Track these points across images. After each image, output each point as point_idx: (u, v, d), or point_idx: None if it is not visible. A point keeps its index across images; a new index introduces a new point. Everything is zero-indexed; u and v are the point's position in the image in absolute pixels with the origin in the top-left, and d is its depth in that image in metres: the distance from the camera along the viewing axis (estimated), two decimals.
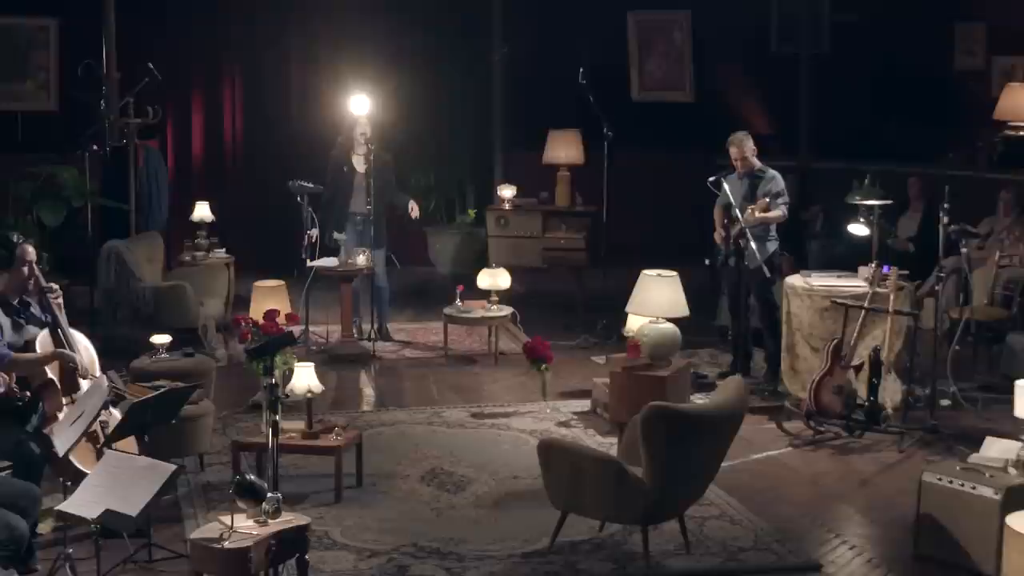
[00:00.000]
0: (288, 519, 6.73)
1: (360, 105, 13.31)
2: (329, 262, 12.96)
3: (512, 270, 13.60)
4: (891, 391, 10.75)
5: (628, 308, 10.26)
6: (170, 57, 16.21)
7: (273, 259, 14.50)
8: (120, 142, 14.21)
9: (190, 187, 16.48)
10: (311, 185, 13.19)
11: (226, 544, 6.44)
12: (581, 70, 13.83)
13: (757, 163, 11.85)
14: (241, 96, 17.53)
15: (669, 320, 10.20)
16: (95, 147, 14.31)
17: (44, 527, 8.19)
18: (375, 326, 13.34)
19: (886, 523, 8.76)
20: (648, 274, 10.18)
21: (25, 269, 8.27)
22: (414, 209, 13.63)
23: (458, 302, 12.92)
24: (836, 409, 10.48)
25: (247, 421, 10.58)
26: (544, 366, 11.34)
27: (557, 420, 10.96)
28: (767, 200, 11.48)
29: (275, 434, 7.11)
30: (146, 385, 9.19)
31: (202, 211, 14.33)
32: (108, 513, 6.50)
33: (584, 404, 11.32)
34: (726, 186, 11.63)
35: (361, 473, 9.38)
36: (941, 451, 10.06)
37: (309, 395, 9.12)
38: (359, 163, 13.27)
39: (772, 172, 11.83)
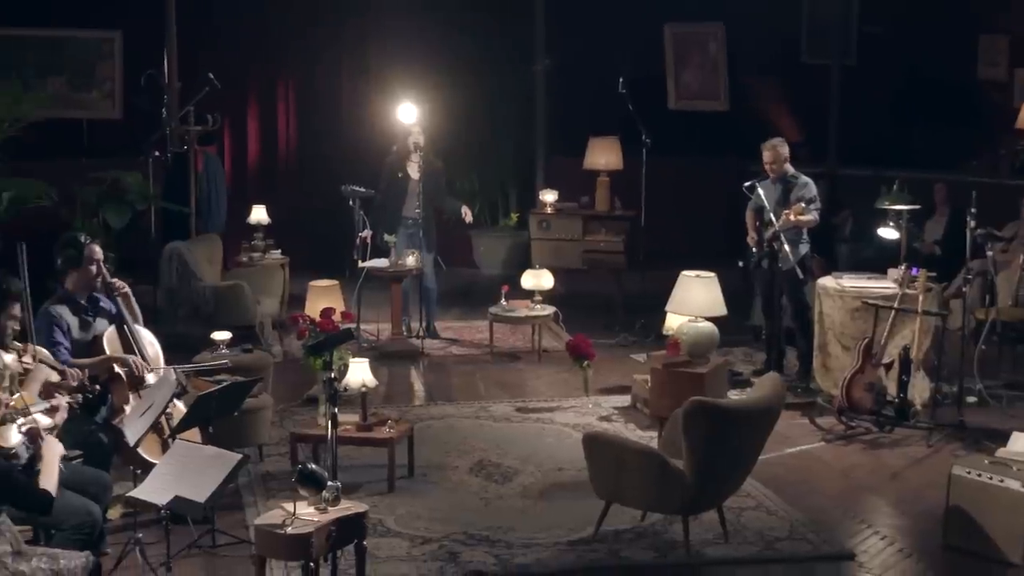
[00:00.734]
0: (347, 506, 6.76)
1: (408, 114, 13.36)
2: (380, 263, 12.97)
3: (554, 271, 13.58)
4: (920, 388, 10.72)
5: (668, 307, 10.27)
6: (228, 67, 16.28)
7: (326, 260, 14.51)
8: (181, 148, 14.31)
9: (247, 191, 16.52)
10: (363, 189, 13.21)
11: (289, 530, 6.47)
12: (621, 80, 13.84)
13: (790, 169, 11.80)
14: (295, 105, 17.58)
15: (707, 319, 10.20)
16: (157, 153, 14.43)
17: (113, 513, 8.22)
18: (423, 324, 13.36)
19: (916, 514, 8.75)
20: (687, 275, 10.19)
21: (93, 268, 8.35)
22: (467, 214, 13.66)
23: (503, 302, 12.93)
24: (867, 405, 10.47)
25: (303, 414, 10.61)
26: (586, 363, 11.36)
27: (599, 415, 10.95)
28: (802, 205, 11.45)
29: (334, 425, 7.14)
30: (208, 379, 9.23)
31: (258, 214, 14.36)
32: (177, 500, 6.55)
33: (624, 399, 11.31)
34: (760, 191, 11.62)
35: (413, 464, 9.41)
36: (968, 446, 10.02)
37: (363, 389, 9.14)
38: (412, 170, 13.28)
39: (805, 178, 11.79)
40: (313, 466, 6.70)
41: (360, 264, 13.01)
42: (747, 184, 11.76)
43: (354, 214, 13.18)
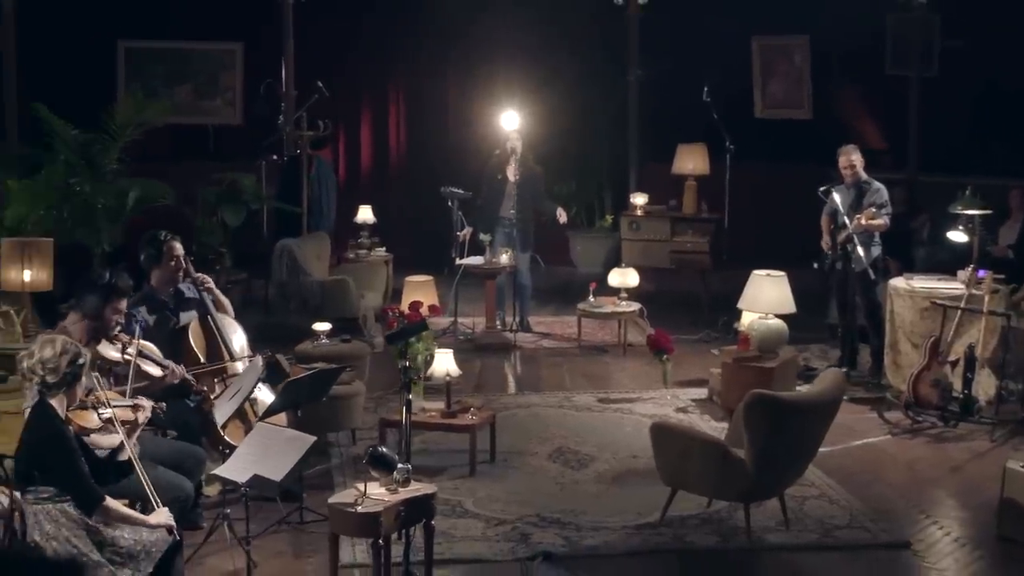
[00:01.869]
0: (417, 488, 6.69)
1: (510, 121, 13.33)
2: (475, 260, 12.94)
3: (643, 270, 13.49)
4: (985, 385, 10.44)
5: (740, 305, 10.07)
6: (344, 77, 16.43)
7: (429, 257, 14.48)
8: (294, 152, 14.36)
9: (359, 193, 16.54)
10: (460, 191, 13.21)
11: (359, 508, 6.42)
12: (706, 89, 13.66)
13: (864, 174, 11.57)
14: (405, 112, 17.60)
15: (777, 316, 10.01)
16: (274, 157, 14.53)
17: (211, 490, 8.26)
18: (516, 319, 13.28)
19: (974, 506, 8.51)
20: (758, 274, 10.00)
21: (173, 263, 8.26)
22: (562, 215, 13.55)
23: (591, 298, 12.81)
24: (933, 401, 10.22)
25: (396, 401, 10.55)
26: (665, 357, 11.21)
27: (676, 406, 10.80)
28: (873, 210, 11.21)
29: (408, 410, 7.08)
30: (305, 367, 9.21)
31: (364, 214, 14.38)
32: (255, 478, 6.52)
33: (702, 392, 11.12)
34: (835, 195, 11.40)
35: (494, 449, 9.33)
36: None
37: (448, 378, 9.09)
38: (510, 173, 13.22)
39: (878, 184, 11.54)
40: (384, 449, 6.65)
41: (457, 261, 12.99)
42: (822, 189, 11.54)
43: (452, 214, 13.18)
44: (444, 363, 9.11)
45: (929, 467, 9.39)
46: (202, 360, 8.16)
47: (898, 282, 11.20)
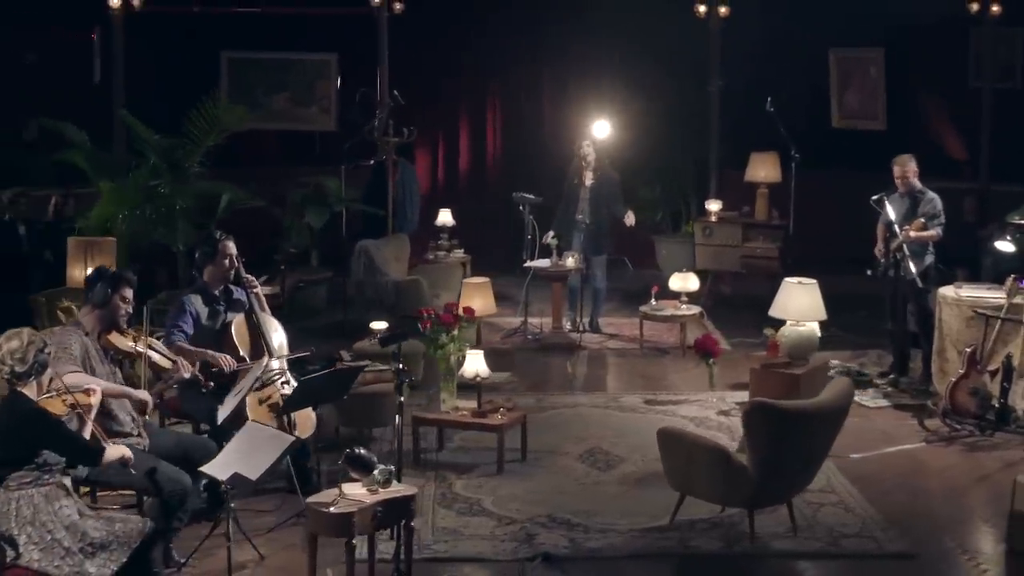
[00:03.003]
0: (397, 489, 6.40)
1: (601, 130, 13.20)
2: (543, 263, 12.65)
3: (721, 274, 13.37)
4: (1020, 395, 9.83)
5: (771, 311, 9.53)
6: (441, 87, 16.27)
7: (506, 260, 14.21)
8: (381, 158, 14.20)
9: (453, 197, 16.35)
10: (531, 196, 12.93)
11: (332, 509, 6.15)
12: (769, 99, 13.19)
13: (918, 184, 11.02)
14: (501, 122, 17.34)
15: (812, 321, 9.50)
16: (371, 161, 14.35)
17: None
18: (581, 319, 12.93)
19: (994, 518, 7.92)
20: (790, 281, 9.50)
21: (226, 262, 8.18)
22: (629, 217, 13.11)
23: (653, 301, 12.42)
24: (971, 409, 9.67)
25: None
26: (711, 360, 10.78)
27: (719, 409, 10.32)
28: (922, 220, 10.67)
29: (400, 412, 6.80)
30: (352, 363, 8.98)
31: (444, 217, 14.19)
32: (235, 476, 6.28)
33: (747, 395, 10.65)
34: (887, 204, 10.88)
35: (526, 448, 9.01)
36: None
37: (478, 379, 8.81)
38: (587, 178, 12.89)
39: (931, 194, 10.98)
40: (361, 450, 6.35)
41: (525, 264, 12.71)
42: (875, 198, 11.02)
43: (524, 218, 12.90)
44: (474, 364, 8.83)
45: (957, 476, 8.85)
46: (242, 355, 8.02)
47: (947, 290, 10.63)
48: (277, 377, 8.05)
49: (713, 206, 14.71)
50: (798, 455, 7.33)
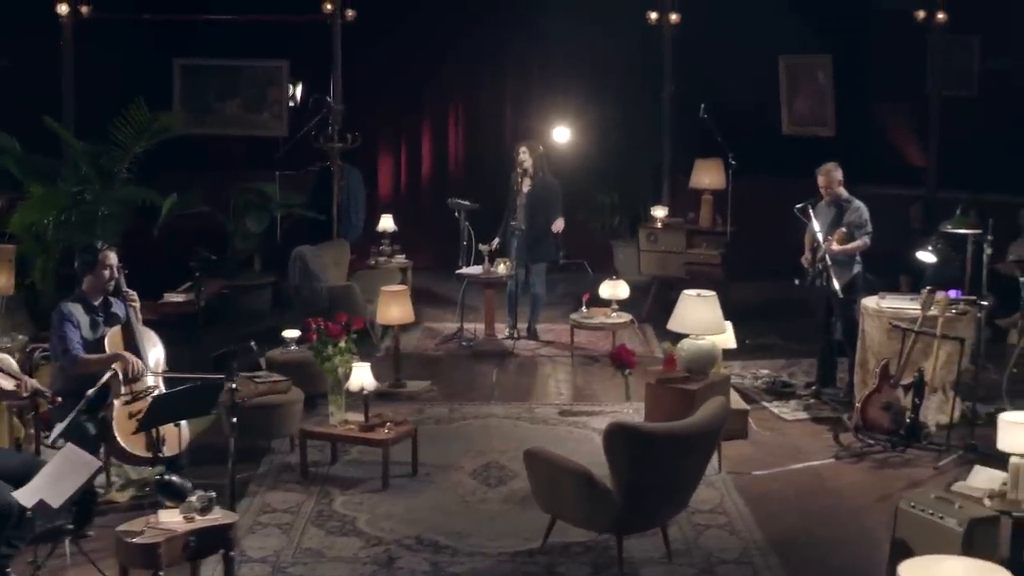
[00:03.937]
0: (215, 517, 5.78)
1: (561, 135, 13.23)
2: (474, 270, 12.04)
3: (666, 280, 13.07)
4: (935, 410, 9.17)
5: (669, 325, 8.83)
6: (403, 93, 15.70)
7: (449, 265, 13.60)
8: (325, 163, 13.61)
9: (412, 204, 15.79)
10: (467, 203, 12.32)
11: (138, 539, 5.53)
12: (703, 106, 12.54)
13: (844, 192, 10.33)
14: (464, 124, 16.69)
15: (712, 335, 8.78)
16: (318, 166, 13.77)
17: (121, 496, 7.60)
18: (516, 326, 12.30)
19: (883, 543, 7.16)
20: (688, 293, 8.79)
21: (106, 272, 7.67)
22: (557, 224, 12.37)
23: (583, 309, 11.77)
24: (884, 425, 9.00)
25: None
26: (627, 371, 10.12)
27: (635, 420, 9.67)
28: (843, 231, 9.99)
29: (232, 434, 6.17)
30: (212, 377, 8.24)
31: (385, 222, 13.62)
32: (40, 503, 5.66)
33: None
34: (812, 212, 10.23)
35: (416, 463, 8.39)
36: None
37: (364, 392, 8.19)
38: (525, 184, 12.25)
39: (857, 203, 10.28)
40: (173, 477, 5.74)
41: (458, 271, 12.13)
42: (799, 206, 10.36)
43: (459, 224, 12.30)
44: (360, 377, 8.21)
45: (858, 495, 8.16)
46: (114, 370, 7.43)
47: (869, 301, 9.96)
48: (150, 391, 7.47)
49: (659, 212, 14.05)
50: (665, 478, 6.67)
